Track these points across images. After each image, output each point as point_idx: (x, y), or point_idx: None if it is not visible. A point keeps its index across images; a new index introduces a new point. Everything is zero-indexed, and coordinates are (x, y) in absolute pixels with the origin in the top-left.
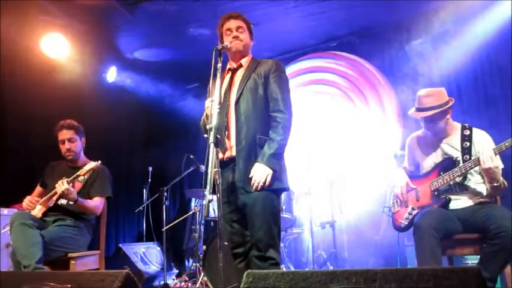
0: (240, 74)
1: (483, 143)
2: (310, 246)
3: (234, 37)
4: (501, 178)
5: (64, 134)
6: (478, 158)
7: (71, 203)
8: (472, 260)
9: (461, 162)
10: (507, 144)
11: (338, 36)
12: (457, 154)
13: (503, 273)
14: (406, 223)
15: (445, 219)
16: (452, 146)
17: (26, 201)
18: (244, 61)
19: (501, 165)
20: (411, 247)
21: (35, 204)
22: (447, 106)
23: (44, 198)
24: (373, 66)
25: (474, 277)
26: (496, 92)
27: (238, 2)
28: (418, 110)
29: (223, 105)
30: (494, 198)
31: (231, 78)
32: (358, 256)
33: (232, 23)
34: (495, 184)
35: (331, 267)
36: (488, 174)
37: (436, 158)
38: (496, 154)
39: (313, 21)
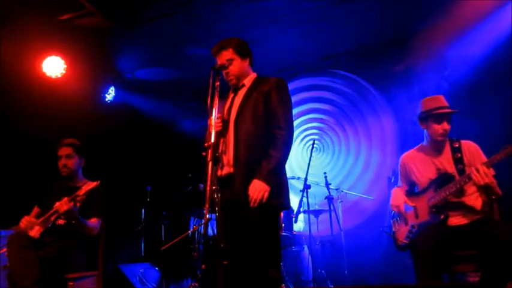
0: (242, 92)
1: (473, 152)
2: (310, 265)
3: (225, 73)
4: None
5: (63, 151)
6: (464, 180)
7: (73, 222)
8: (474, 277)
9: (455, 174)
10: (498, 157)
11: (334, 55)
12: (450, 167)
13: None
14: (408, 241)
15: (444, 236)
16: (444, 159)
17: (24, 221)
18: (247, 80)
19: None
20: (412, 264)
21: (32, 225)
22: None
23: (42, 219)
24: (369, 84)
25: None
26: (494, 108)
27: (234, 22)
28: (438, 108)
29: (225, 123)
30: (492, 212)
31: (234, 96)
32: (359, 274)
33: (218, 61)
34: (493, 197)
35: (331, 286)
36: (485, 190)
37: (431, 173)
38: (488, 168)
39: (309, 39)
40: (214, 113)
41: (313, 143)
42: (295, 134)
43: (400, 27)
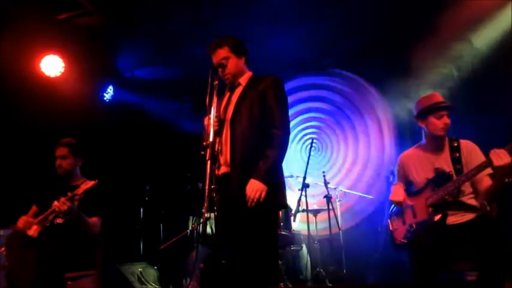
0: (238, 91)
1: (471, 152)
2: (308, 264)
3: (220, 72)
4: None
5: (59, 151)
6: (482, 165)
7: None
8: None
9: (453, 173)
10: None
11: (333, 54)
12: (448, 167)
13: None
14: (406, 241)
15: (441, 235)
16: (443, 158)
17: (22, 221)
18: (243, 79)
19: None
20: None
21: (30, 224)
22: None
23: (40, 218)
24: (367, 83)
25: None
26: (494, 108)
27: (233, 22)
28: (438, 103)
29: (221, 123)
30: (490, 210)
31: (231, 95)
32: (357, 273)
33: (214, 60)
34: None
35: (330, 285)
36: (502, 171)
37: (428, 172)
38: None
39: (308, 39)
40: (213, 111)
41: (312, 142)
42: (293, 133)
43: (400, 26)
